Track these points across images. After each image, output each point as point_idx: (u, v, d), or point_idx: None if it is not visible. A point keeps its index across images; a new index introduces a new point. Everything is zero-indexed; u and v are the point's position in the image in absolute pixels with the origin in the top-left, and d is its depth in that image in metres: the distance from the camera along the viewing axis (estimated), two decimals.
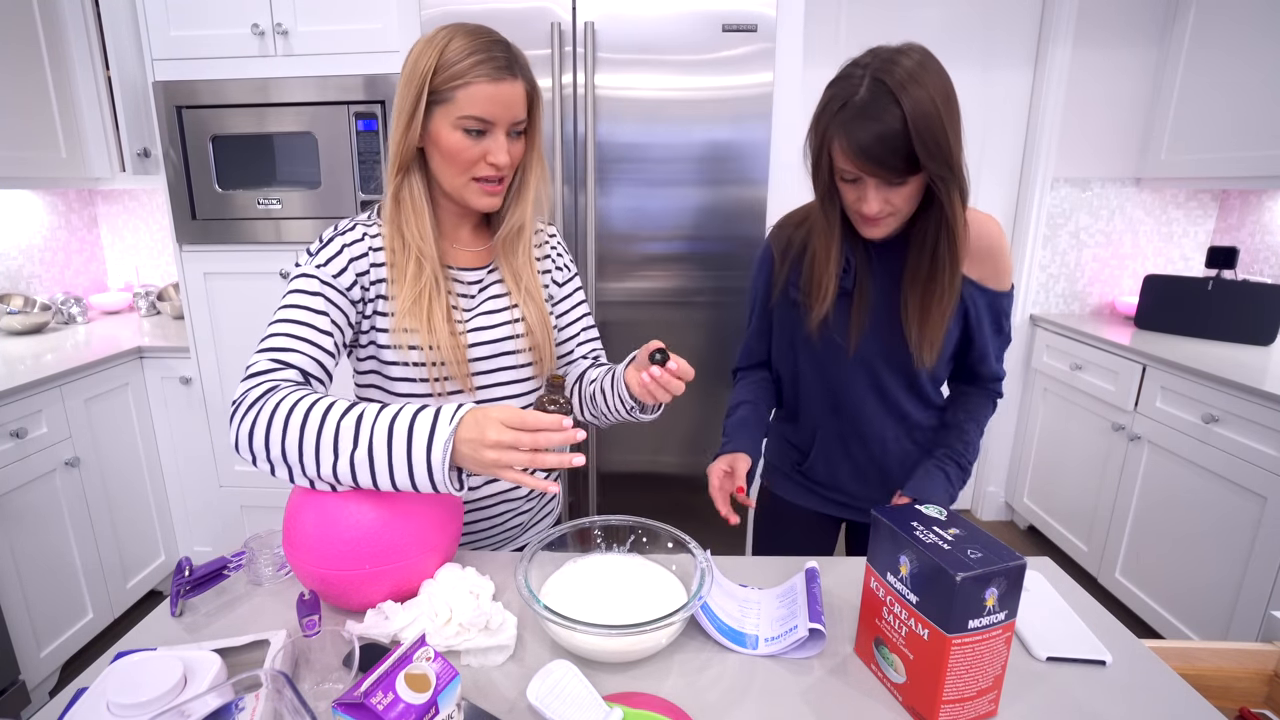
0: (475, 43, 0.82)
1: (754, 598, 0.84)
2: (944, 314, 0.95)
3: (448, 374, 0.90)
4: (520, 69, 0.85)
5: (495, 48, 0.83)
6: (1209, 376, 1.80)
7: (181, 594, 0.79)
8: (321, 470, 0.71)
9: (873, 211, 0.87)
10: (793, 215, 1.08)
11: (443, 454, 0.68)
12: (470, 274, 0.95)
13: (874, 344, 1.01)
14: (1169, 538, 1.96)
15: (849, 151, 0.84)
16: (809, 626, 0.72)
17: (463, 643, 0.70)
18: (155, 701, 0.58)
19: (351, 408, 0.72)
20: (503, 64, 0.82)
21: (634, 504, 1.89)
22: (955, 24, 2.42)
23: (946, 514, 0.69)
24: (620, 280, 1.77)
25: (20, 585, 1.69)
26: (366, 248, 0.89)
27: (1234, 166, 2.10)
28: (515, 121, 0.86)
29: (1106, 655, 0.73)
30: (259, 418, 0.73)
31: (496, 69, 0.82)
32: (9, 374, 1.74)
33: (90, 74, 2.12)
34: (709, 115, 1.65)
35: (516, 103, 0.85)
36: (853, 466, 1.12)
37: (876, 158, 0.82)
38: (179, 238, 1.91)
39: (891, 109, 0.80)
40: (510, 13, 1.60)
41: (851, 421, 1.09)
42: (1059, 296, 2.65)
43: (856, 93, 0.83)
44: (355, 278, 0.87)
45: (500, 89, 0.82)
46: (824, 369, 1.07)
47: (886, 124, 0.80)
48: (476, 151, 0.85)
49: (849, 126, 0.83)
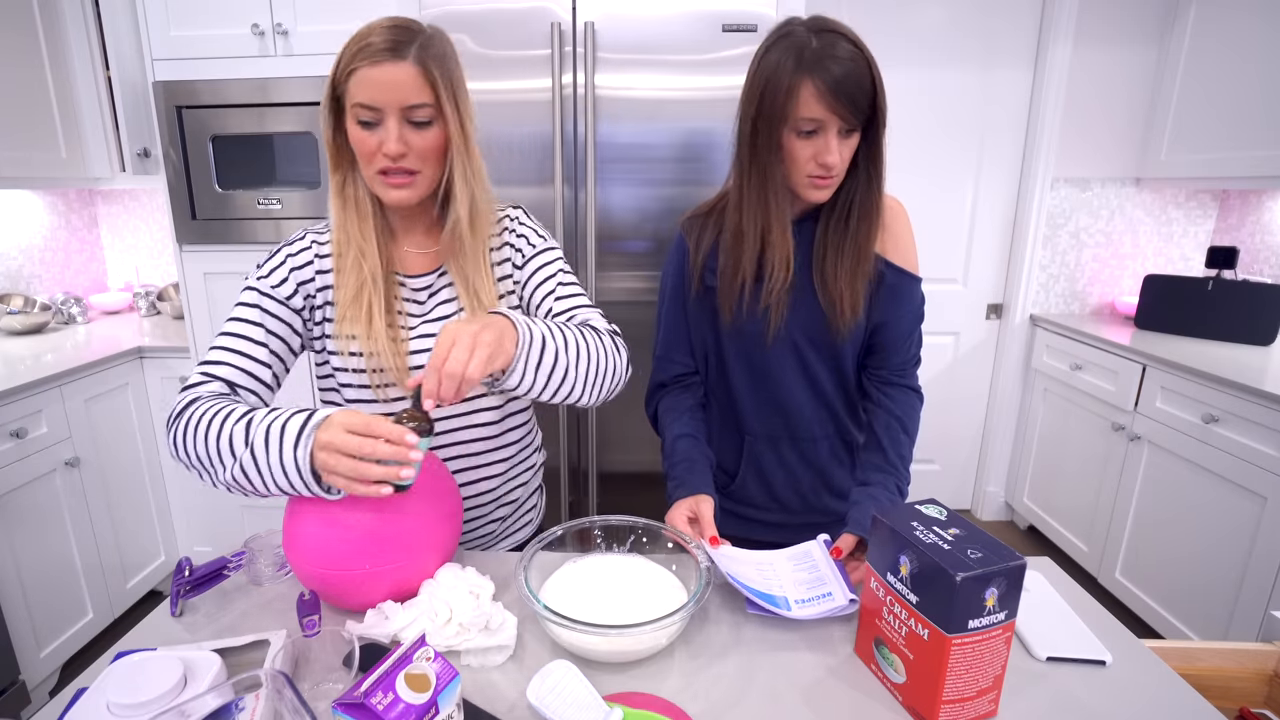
0: (362, 30, 0.80)
1: (767, 559, 0.87)
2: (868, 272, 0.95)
3: (390, 380, 0.89)
4: (411, 50, 0.79)
5: (377, 32, 0.79)
6: (1209, 376, 1.80)
7: (181, 594, 0.79)
8: (225, 474, 0.74)
9: (835, 161, 0.87)
10: (703, 206, 1.06)
11: (305, 455, 0.69)
12: (419, 280, 0.93)
13: (796, 323, 0.99)
14: (1169, 538, 1.96)
15: (821, 91, 0.83)
16: (849, 597, 0.77)
17: (463, 643, 0.70)
18: (155, 701, 0.58)
19: (248, 412, 0.74)
20: (384, 46, 0.78)
21: (634, 504, 1.89)
22: (955, 24, 2.42)
23: (947, 514, 0.69)
24: (620, 280, 1.77)
25: (20, 585, 1.69)
26: (312, 255, 0.90)
27: (1234, 166, 2.10)
28: (406, 106, 0.80)
29: (1106, 655, 0.73)
30: (181, 428, 0.76)
31: (375, 51, 0.78)
32: (9, 374, 1.74)
33: (90, 74, 2.12)
34: (709, 115, 1.65)
35: (404, 85, 0.79)
36: (786, 474, 1.09)
37: (848, 94, 0.83)
38: (179, 238, 1.91)
39: (849, 49, 0.83)
40: (510, 13, 1.60)
41: (781, 413, 1.05)
42: (1059, 296, 2.65)
43: (809, 43, 0.84)
44: (297, 286, 0.89)
45: (380, 71, 0.78)
46: (750, 355, 1.03)
47: (853, 62, 0.83)
48: (373, 142, 0.81)
49: (816, 69, 0.83)
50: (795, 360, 1.02)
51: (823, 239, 0.96)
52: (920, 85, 2.47)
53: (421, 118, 0.81)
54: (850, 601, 0.77)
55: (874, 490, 0.94)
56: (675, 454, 1.02)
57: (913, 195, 2.52)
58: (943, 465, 2.88)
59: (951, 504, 2.72)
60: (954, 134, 2.52)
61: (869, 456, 1.00)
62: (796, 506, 1.11)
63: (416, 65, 0.79)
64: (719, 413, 1.11)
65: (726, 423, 1.10)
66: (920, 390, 1.05)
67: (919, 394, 1.04)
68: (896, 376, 1.02)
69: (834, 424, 1.07)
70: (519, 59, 1.62)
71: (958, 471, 2.89)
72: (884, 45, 2.41)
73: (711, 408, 1.12)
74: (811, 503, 1.10)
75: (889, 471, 0.96)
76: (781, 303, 0.96)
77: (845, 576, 0.81)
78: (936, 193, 2.58)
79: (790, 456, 1.08)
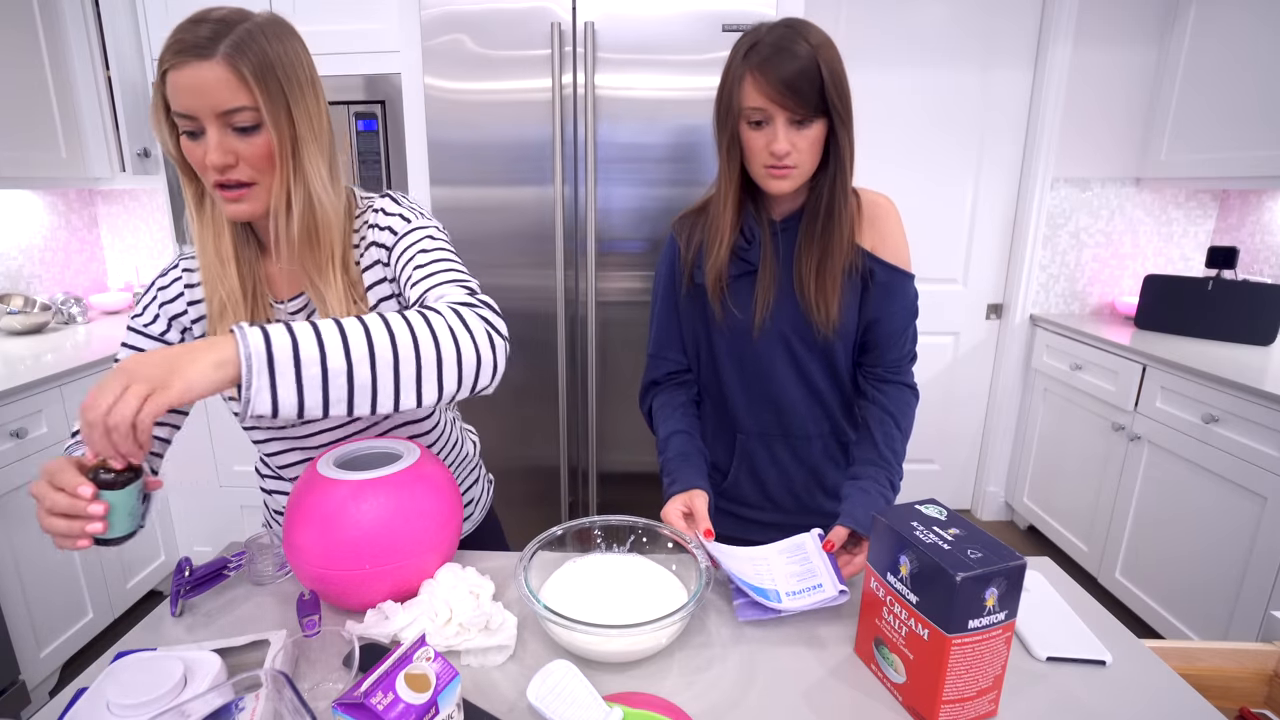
0: (182, 24, 0.69)
1: (760, 553, 0.87)
2: (837, 269, 0.95)
3: None
4: (225, 47, 0.68)
5: (187, 29, 0.69)
6: (1209, 376, 1.80)
7: (181, 594, 0.79)
8: None
9: (782, 150, 0.88)
10: (693, 206, 1.08)
11: None
12: (290, 304, 0.85)
13: (783, 318, 1.00)
14: (1169, 538, 1.96)
15: (763, 82, 0.86)
16: (838, 588, 0.78)
17: (463, 643, 0.70)
18: (155, 701, 0.58)
19: None
20: (189, 43, 0.67)
21: (634, 504, 1.89)
22: (955, 24, 2.42)
23: (947, 514, 0.69)
24: (620, 280, 1.77)
25: (20, 585, 1.69)
26: (181, 286, 0.84)
27: (1234, 166, 2.10)
28: (221, 111, 0.69)
29: (1106, 655, 0.73)
30: None
31: (178, 52, 0.67)
32: (9, 374, 1.74)
33: (90, 74, 2.12)
34: (709, 115, 1.64)
35: (216, 88, 0.68)
36: (779, 473, 1.09)
37: (790, 84, 0.85)
38: (179, 238, 1.91)
39: (802, 45, 0.85)
40: (510, 13, 1.60)
41: (773, 410, 1.05)
42: (1059, 296, 2.65)
43: (762, 39, 0.87)
44: (169, 322, 0.84)
45: (188, 74, 0.68)
46: (740, 351, 1.03)
47: (800, 57, 0.85)
48: (199, 153, 0.71)
49: (762, 62, 0.86)
50: (786, 355, 1.02)
51: (799, 237, 0.98)
52: (920, 85, 2.47)
53: (243, 122, 0.71)
54: (840, 593, 0.78)
55: (864, 484, 0.94)
56: (669, 450, 1.02)
57: (912, 194, 2.53)
58: (943, 465, 2.88)
59: (951, 504, 2.72)
60: (954, 133, 2.52)
61: (861, 451, 1.00)
62: (790, 506, 1.11)
63: (225, 64, 0.68)
64: (712, 411, 1.11)
65: (720, 421, 1.11)
66: (915, 387, 1.05)
67: (914, 390, 1.04)
68: (891, 373, 1.02)
69: (828, 422, 1.07)
70: (519, 59, 1.62)
71: (958, 471, 2.89)
72: (884, 45, 2.42)
73: (705, 405, 1.12)
74: (805, 502, 1.10)
75: (880, 465, 0.96)
76: (768, 293, 0.98)
77: (836, 569, 0.82)
78: (936, 192, 2.58)
79: (783, 455, 1.08)
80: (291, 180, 0.75)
